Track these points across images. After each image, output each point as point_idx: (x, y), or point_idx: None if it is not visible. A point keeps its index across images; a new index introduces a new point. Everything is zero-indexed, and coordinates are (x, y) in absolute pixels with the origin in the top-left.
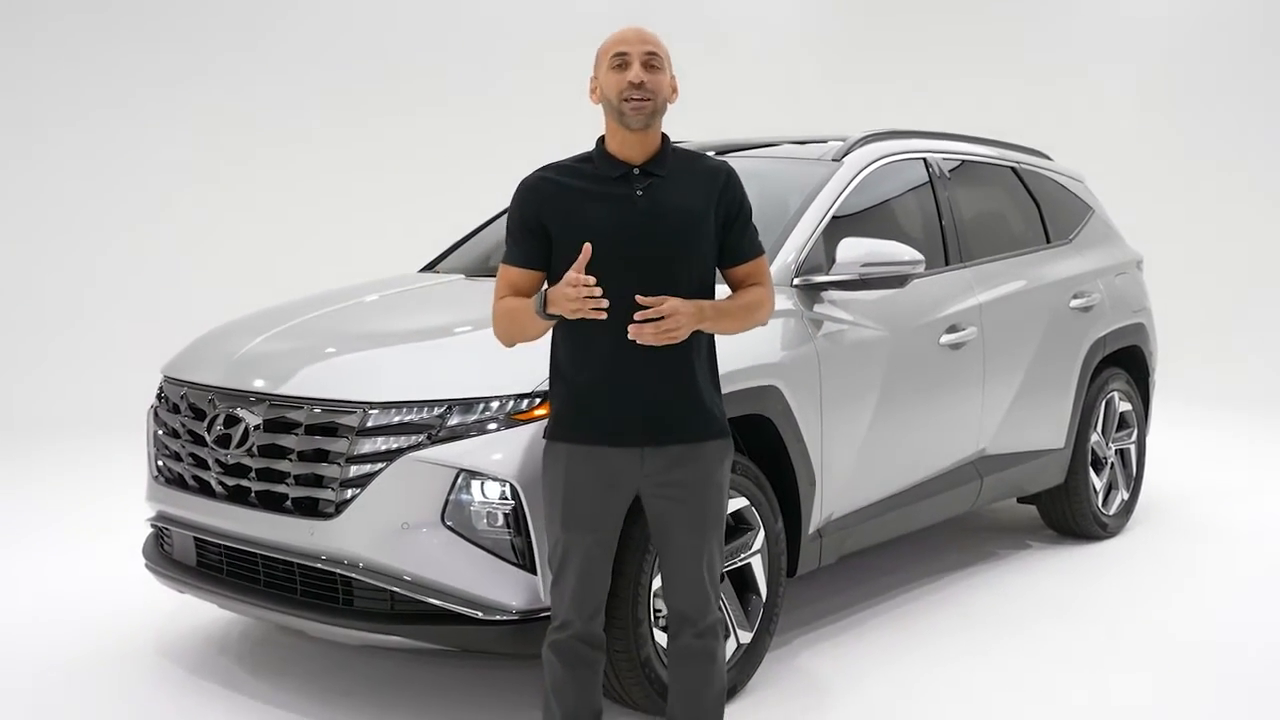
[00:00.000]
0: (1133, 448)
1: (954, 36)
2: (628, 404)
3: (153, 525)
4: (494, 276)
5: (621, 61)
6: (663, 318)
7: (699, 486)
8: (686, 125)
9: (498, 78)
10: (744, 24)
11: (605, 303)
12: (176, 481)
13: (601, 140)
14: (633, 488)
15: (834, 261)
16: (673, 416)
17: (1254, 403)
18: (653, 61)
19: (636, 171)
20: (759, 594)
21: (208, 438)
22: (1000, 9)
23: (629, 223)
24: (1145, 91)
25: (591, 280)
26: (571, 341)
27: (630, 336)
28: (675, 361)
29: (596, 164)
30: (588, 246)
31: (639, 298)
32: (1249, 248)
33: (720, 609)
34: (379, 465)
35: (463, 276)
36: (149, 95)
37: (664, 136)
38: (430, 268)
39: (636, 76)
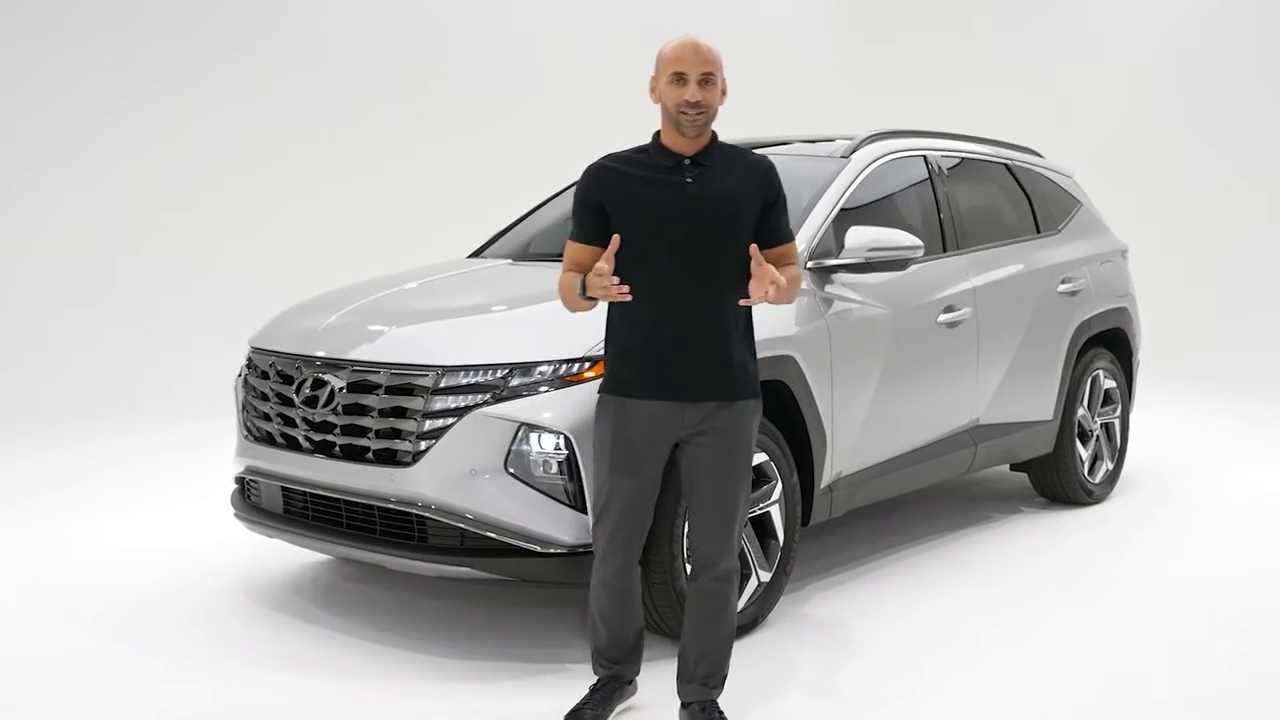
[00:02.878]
0: (1117, 422)
1: (953, 41)
2: (672, 364)
3: (240, 479)
4: (537, 261)
5: (680, 79)
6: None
7: (729, 438)
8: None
9: (528, 79)
10: (752, 27)
11: (626, 290)
12: (265, 439)
13: (658, 134)
14: (673, 437)
15: (843, 247)
16: (710, 376)
17: (1234, 385)
18: (708, 79)
19: (687, 162)
20: (776, 539)
21: (296, 399)
22: (995, 12)
23: (680, 206)
24: (1135, 93)
25: (614, 279)
26: (626, 308)
27: (754, 300)
28: (714, 329)
29: (652, 154)
30: (616, 238)
31: (755, 254)
32: (1234, 240)
33: (740, 558)
34: (450, 420)
35: (509, 261)
36: (201, 91)
37: (712, 133)
38: (478, 253)
39: (693, 95)
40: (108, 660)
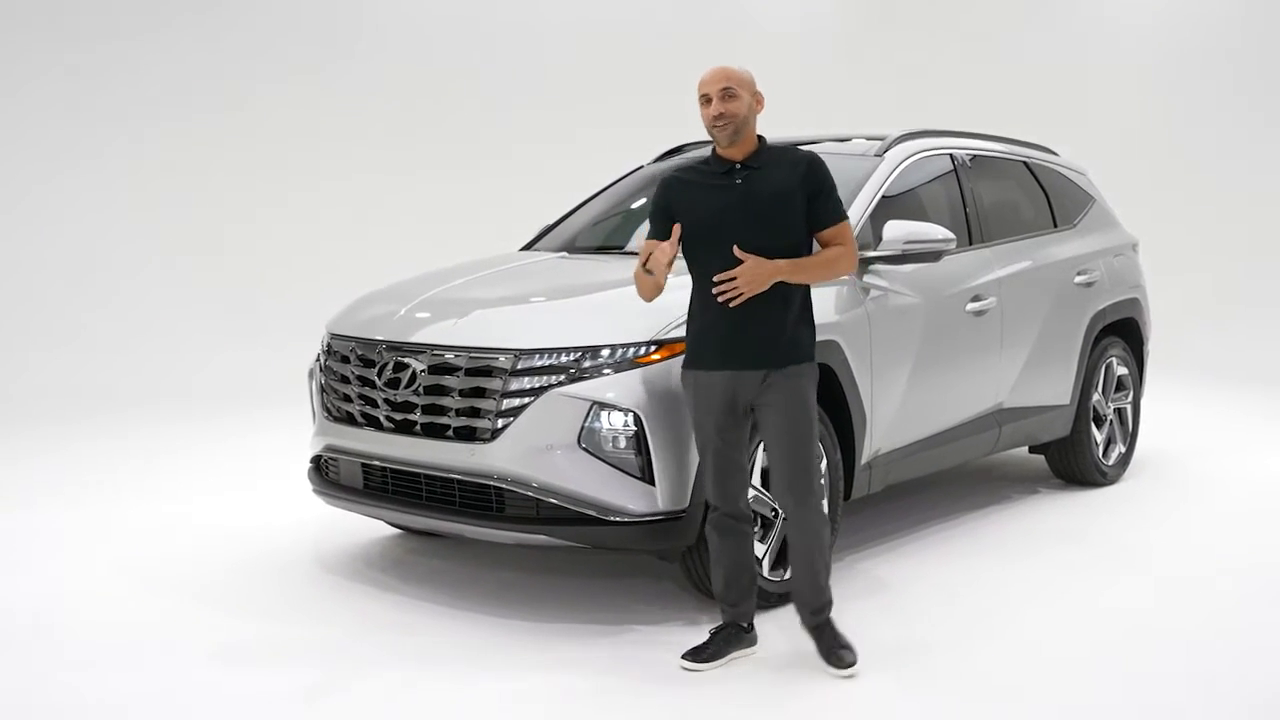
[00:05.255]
0: (1129, 407)
1: (964, 41)
2: (731, 339)
3: (317, 457)
4: (585, 254)
5: (705, 99)
6: (734, 279)
7: (788, 399)
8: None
9: (551, 85)
10: (764, 28)
11: (663, 259)
12: (345, 419)
13: (714, 146)
14: (742, 401)
15: (880, 239)
16: (764, 348)
17: (1238, 374)
18: (728, 92)
19: (738, 167)
20: None
21: (378, 381)
22: (1011, 12)
23: (729, 205)
24: (1144, 92)
25: (651, 250)
26: (696, 294)
27: (720, 300)
28: (767, 307)
29: (710, 164)
30: (677, 227)
31: (720, 275)
32: (1239, 233)
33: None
34: (527, 399)
35: (562, 254)
36: (267, 91)
37: (760, 138)
38: (529, 247)
39: (715, 110)
40: (199, 624)
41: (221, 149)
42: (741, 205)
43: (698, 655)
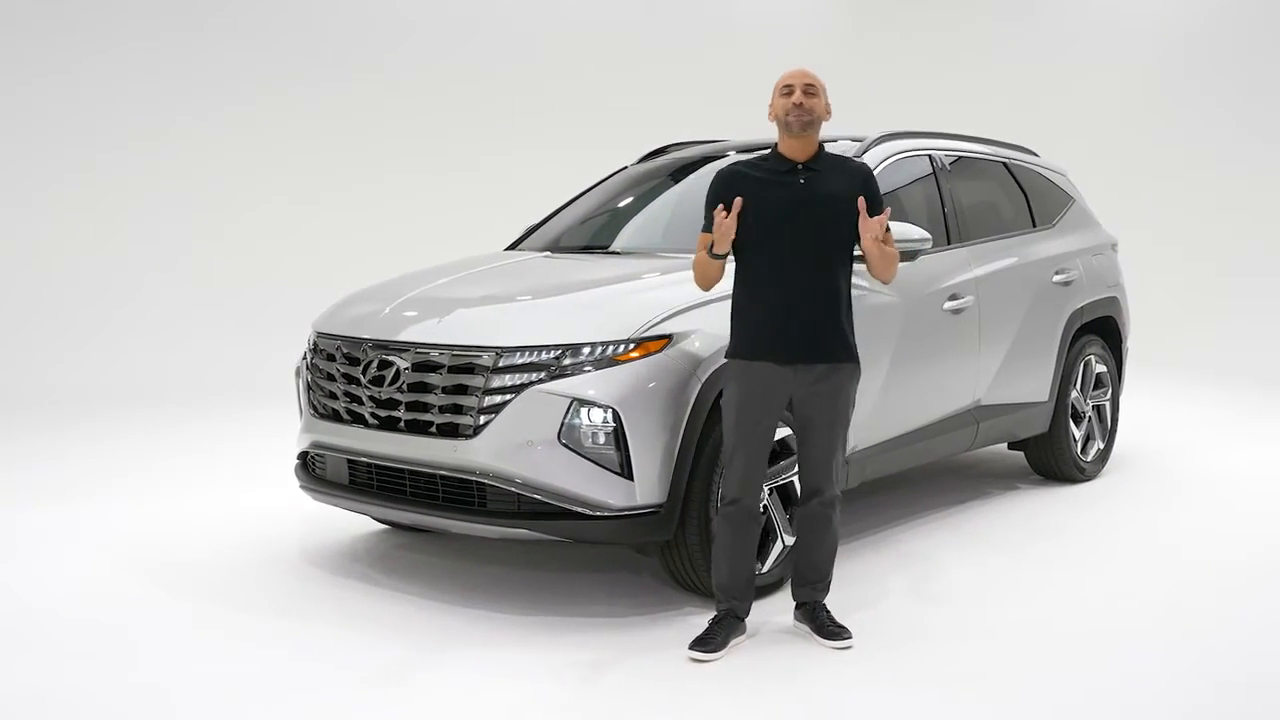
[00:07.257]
0: (1107, 404)
1: (950, 41)
2: (787, 333)
3: (304, 454)
4: (569, 254)
5: (788, 90)
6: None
7: (833, 396)
8: (699, 124)
9: (541, 84)
10: (752, 28)
11: (730, 231)
12: (331, 416)
13: (775, 145)
14: (786, 394)
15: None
16: (819, 343)
17: (1217, 371)
18: (809, 90)
19: (800, 167)
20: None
21: (363, 379)
22: (991, 15)
23: (793, 202)
24: (1125, 94)
25: (730, 221)
26: (747, 287)
27: (867, 243)
28: (822, 304)
29: (771, 161)
30: (738, 200)
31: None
32: (1217, 234)
33: (766, 524)
34: (509, 396)
35: (546, 253)
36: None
37: (820, 144)
38: (513, 247)
39: (798, 99)
40: (189, 619)
41: (223, 151)
42: (804, 203)
43: (706, 645)
